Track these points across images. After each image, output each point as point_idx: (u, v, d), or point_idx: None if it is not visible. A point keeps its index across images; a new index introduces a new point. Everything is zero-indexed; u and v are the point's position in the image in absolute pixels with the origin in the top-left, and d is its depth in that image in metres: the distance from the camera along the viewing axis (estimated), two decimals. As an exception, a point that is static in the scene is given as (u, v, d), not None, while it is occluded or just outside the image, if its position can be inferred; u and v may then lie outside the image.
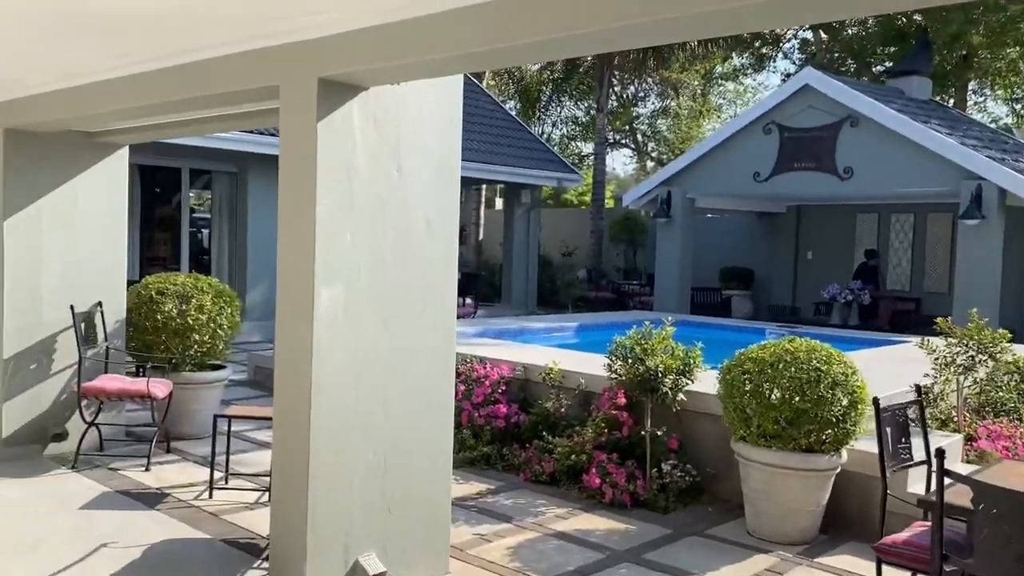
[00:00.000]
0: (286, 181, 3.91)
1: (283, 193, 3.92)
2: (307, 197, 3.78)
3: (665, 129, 34.19)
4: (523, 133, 18.40)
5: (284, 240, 3.92)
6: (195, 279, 7.15)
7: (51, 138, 6.27)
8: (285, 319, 3.93)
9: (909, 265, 15.43)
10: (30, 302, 6.22)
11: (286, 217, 3.90)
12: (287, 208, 3.90)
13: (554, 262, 20.75)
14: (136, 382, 6.31)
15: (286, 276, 3.92)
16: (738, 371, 5.34)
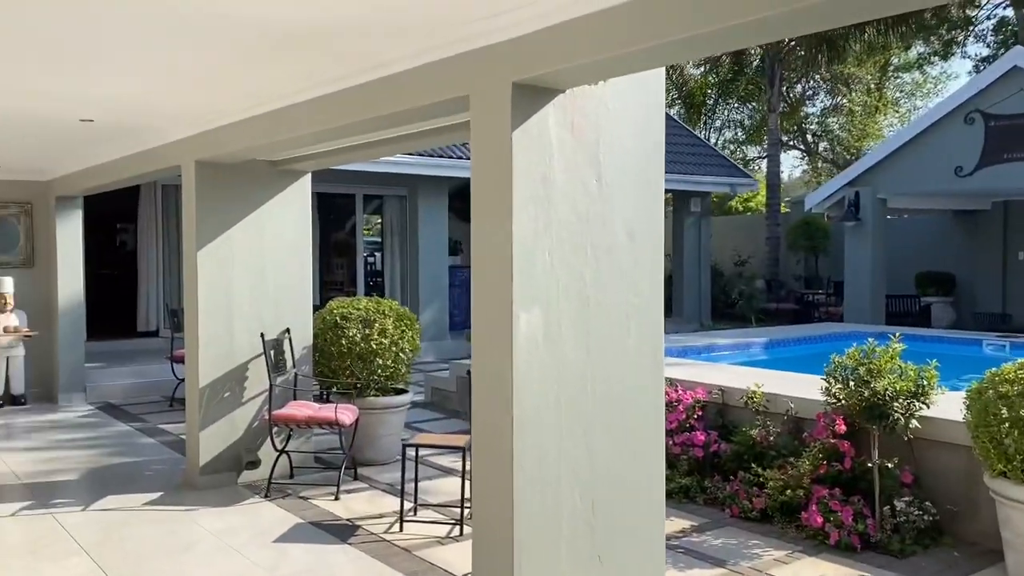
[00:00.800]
0: (480, 197, 3.60)
1: (477, 211, 3.61)
2: (503, 214, 3.45)
3: (837, 128, 32.21)
4: (690, 138, 17.68)
5: (479, 261, 3.61)
6: (376, 303, 7.07)
7: (238, 168, 6.35)
8: (482, 346, 3.61)
9: None
10: (223, 331, 6.30)
11: (481, 236, 3.59)
12: (482, 226, 3.59)
13: (725, 272, 19.81)
14: (324, 409, 6.25)
15: (482, 299, 3.60)
16: (992, 395, 4.56)
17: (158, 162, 6.71)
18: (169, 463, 7.05)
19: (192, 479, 6.30)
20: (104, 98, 5.30)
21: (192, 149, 6.20)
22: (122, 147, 7.12)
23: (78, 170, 8.69)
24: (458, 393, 9.38)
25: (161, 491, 6.19)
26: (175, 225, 12.77)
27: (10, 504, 5.89)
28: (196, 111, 5.69)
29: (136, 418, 8.96)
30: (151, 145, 6.69)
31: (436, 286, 13.42)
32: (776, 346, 10.30)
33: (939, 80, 32.27)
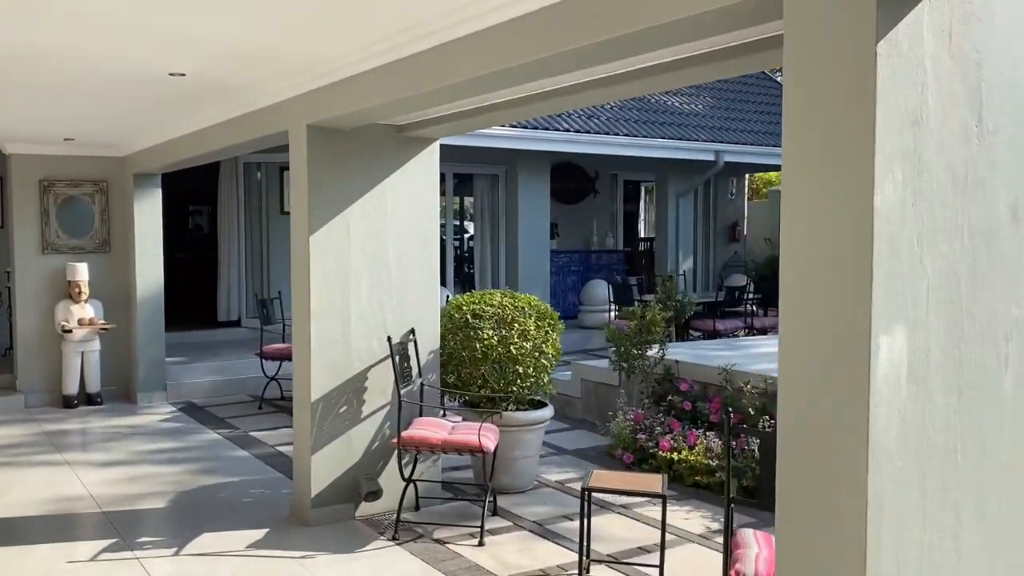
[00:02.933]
0: (801, 155, 2.31)
1: (795, 176, 2.33)
2: (855, 178, 2.16)
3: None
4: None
5: (795, 252, 2.33)
6: (512, 297, 5.85)
7: (357, 135, 5.18)
8: (802, 389, 2.34)
9: None
10: (340, 332, 5.15)
11: (803, 215, 2.31)
12: (806, 200, 2.30)
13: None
14: (462, 430, 5.06)
15: (803, 315, 2.32)
16: None
17: (260, 128, 5.57)
18: (270, 485, 5.96)
19: (302, 512, 5.18)
20: (201, 41, 4.15)
21: (304, 111, 5.03)
22: (215, 111, 6.01)
23: (159, 143, 7.64)
24: (583, 399, 8.15)
25: (266, 527, 5.09)
26: (258, 206, 11.78)
27: (90, 543, 4.86)
28: (313, 59, 4.51)
29: (224, 423, 7.94)
30: (252, 107, 5.55)
31: (538, 274, 12.19)
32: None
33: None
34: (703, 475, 5.94)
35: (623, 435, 6.66)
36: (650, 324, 6.75)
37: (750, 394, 6.29)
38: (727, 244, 16.77)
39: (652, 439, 6.38)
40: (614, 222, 15.48)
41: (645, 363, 6.90)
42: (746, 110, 14.90)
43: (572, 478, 6.21)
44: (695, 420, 6.54)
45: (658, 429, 6.44)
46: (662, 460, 6.20)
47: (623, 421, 6.70)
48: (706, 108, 14.24)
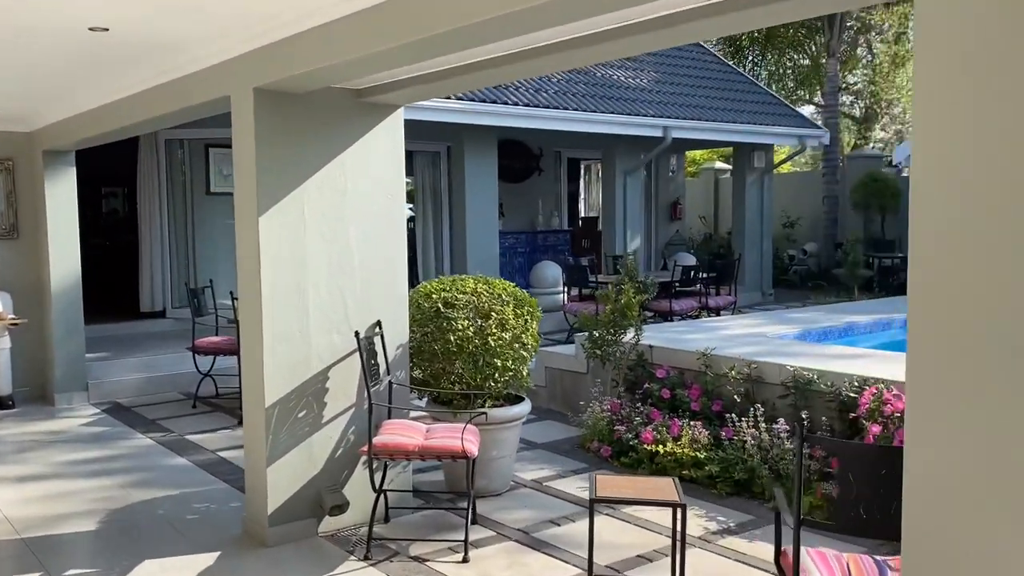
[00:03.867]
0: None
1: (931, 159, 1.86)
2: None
3: (859, 81, 30.32)
4: (748, 86, 15.89)
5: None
6: (487, 283, 5.31)
7: (309, 100, 4.54)
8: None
9: None
10: (297, 325, 4.53)
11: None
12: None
13: (773, 235, 18.13)
14: (440, 435, 4.51)
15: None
16: None
17: (197, 94, 4.87)
18: (216, 499, 5.31)
19: (257, 531, 4.57)
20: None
21: (249, 72, 4.37)
22: (143, 75, 5.26)
23: (74, 115, 6.80)
24: (549, 388, 7.69)
25: (216, 550, 4.46)
26: (182, 186, 10.90)
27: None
28: (258, 11, 3.87)
29: (155, 426, 7.20)
30: (188, 69, 4.83)
31: (486, 256, 11.64)
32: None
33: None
34: (690, 468, 5.54)
35: (599, 427, 6.22)
36: (625, 308, 6.31)
37: (735, 380, 5.93)
38: (669, 222, 16.54)
39: (632, 430, 5.96)
40: (559, 201, 15.04)
41: (620, 349, 6.46)
42: (691, 84, 14.60)
43: (549, 475, 5.75)
44: (674, 409, 6.15)
45: (637, 419, 6.02)
46: (644, 453, 5.79)
47: (599, 412, 6.26)
48: (651, 83, 13.87)
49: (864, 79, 30.24)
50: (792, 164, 24.25)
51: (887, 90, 29.99)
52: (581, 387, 7.23)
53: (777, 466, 5.29)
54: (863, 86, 30.46)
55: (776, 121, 14.61)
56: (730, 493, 5.36)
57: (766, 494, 5.23)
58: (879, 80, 29.38)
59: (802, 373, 5.62)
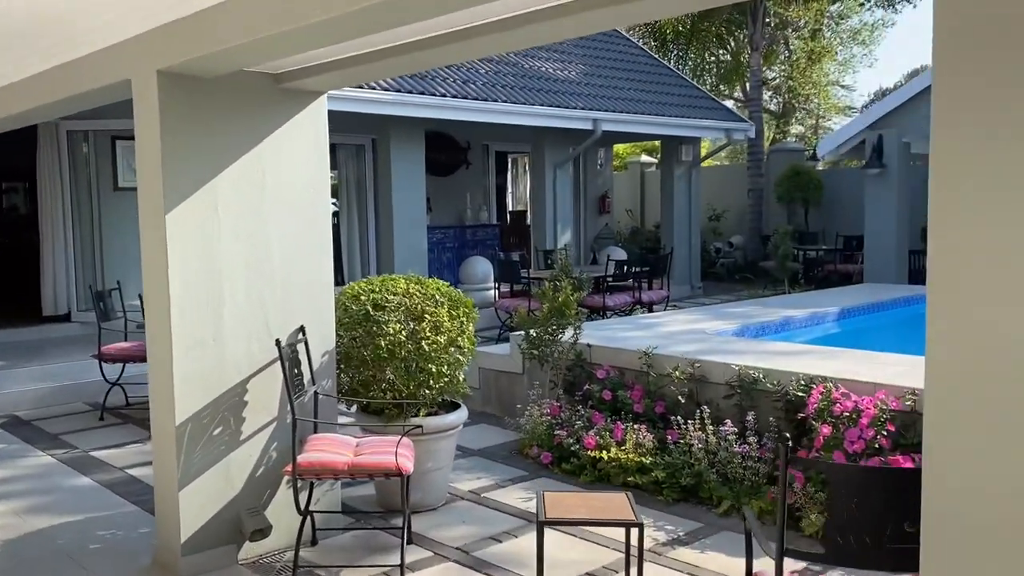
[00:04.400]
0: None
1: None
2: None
3: (778, 76, 30.83)
4: (676, 79, 15.85)
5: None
6: (420, 283, 4.96)
7: (222, 85, 4.12)
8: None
9: None
10: (210, 333, 4.11)
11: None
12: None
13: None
14: (371, 449, 4.16)
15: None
16: None
17: (92, 78, 4.37)
18: (123, 524, 4.83)
19: (169, 560, 4.14)
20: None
21: (152, 53, 3.92)
22: (28, 56, 4.72)
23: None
24: (482, 390, 7.37)
25: (123, 585, 4.02)
26: (87, 181, 10.19)
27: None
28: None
29: (57, 441, 6.62)
30: (81, 50, 4.33)
31: (414, 253, 11.25)
32: (851, 316, 8.66)
33: (876, 27, 31.23)
34: (635, 474, 5.31)
35: (538, 431, 5.95)
36: (563, 305, 6.05)
37: (678, 380, 5.73)
38: (598, 216, 16.42)
39: (573, 435, 5.70)
40: (487, 195, 14.73)
41: (558, 349, 6.20)
42: (620, 78, 14.47)
43: (487, 485, 5.45)
44: (616, 411, 5.91)
45: (578, 423, 5.77)
46: (586, 459, 5.54)
47: (538, 416, 5.98)
48: (580, 75, 13.68)
49: (782, 74, 30.78)
50: (715, 158, 24.50)
51: (804, 85, 30.59)
52: (517, 388, 6.95)
53: (725, 470, 5.10)
54: (781, 81, 31.01)
55: (704, 115, 14.61)
56: (677, 499, 5.15)
57: (714, 499, 5.04)
58: (797, 75, 29.94)
59: (747, 372, 5.44)
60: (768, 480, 5.02)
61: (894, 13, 26.38)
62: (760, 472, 5.02)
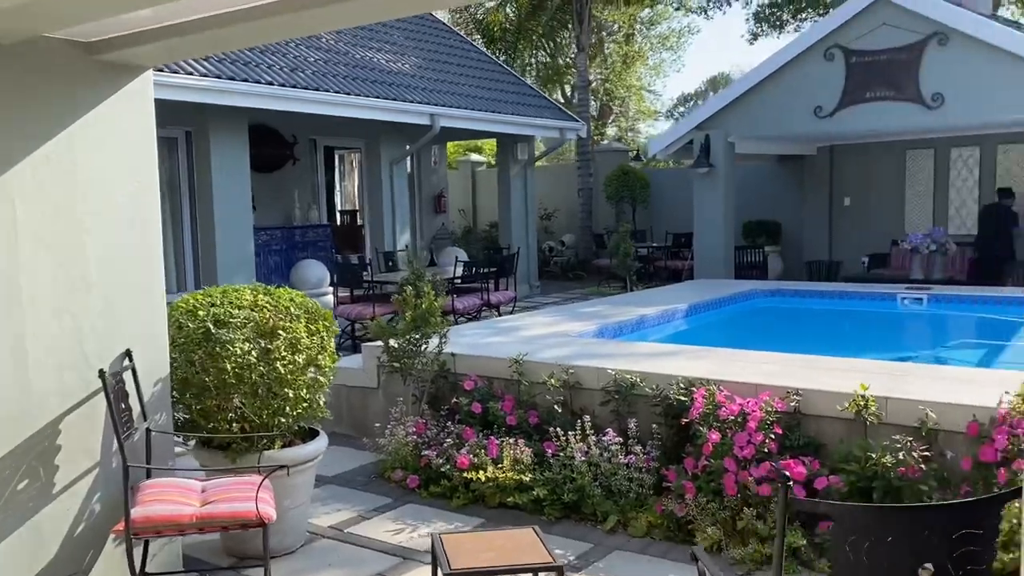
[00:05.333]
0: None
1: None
2: None
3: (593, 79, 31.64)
4: (508, 77, 15.65)
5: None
6: (269, 294, 4.29)
7: (18, 55, 3.29)
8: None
9: (976, 206, 13.70)
10: (9, 368, 3.28)
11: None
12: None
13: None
14: (221, 494, 3.48)
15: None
16: None
17: None
18: None
19: (-41, 654, 3.27)
20: None
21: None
22: None
23: None
24: (333, 407, 6.66)
25: None
26: None
27: None
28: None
29: None
30: None
31: (240, 258, 10.29)
32: (698, 313, 8.70)
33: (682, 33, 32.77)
34: (513, 493, 4.90)
35: (402, 452, 5.41)
36: (428, 312, 5.54)
37: (554, 387, 5.38)
38: (434, 216, 15.96)
39: (443, 454, 5.21)
40: (316, 193, 13.86)
41: (422, 360, 5.69)
42: (455, 73, 14.06)
43: (349, 518, 4.86)
44: (487, 424, 5.48)
45: (448, 441, 5.28)
46: (458, 480, 5.07)
47: (401, 435, 5.44)
48: (414, 68, 13.14)
49: (599, 77, 31.62)
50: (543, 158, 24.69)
51: (619, 88, 31.59)
52: (372, 405, 6.36)
53: (609, 482, 4.79)
54: (598, 84, 31.86)
55: (539, 113, 14.49)
56: (559, 517, 4.80)
57: (599, 515, 4.72)
58: (613, 78, 30.85)
59: (624, 377, 5.18)
60: (655, 491, 4.76)
61: (706, 19, 27.63)
62: (646, 483, 4.76)
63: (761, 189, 16.05)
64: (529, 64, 23.33)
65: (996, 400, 4.14)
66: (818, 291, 10.17)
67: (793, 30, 24.26)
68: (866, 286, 10.51)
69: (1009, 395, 4.11)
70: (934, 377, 4.92)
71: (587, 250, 18.19)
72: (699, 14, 24.64)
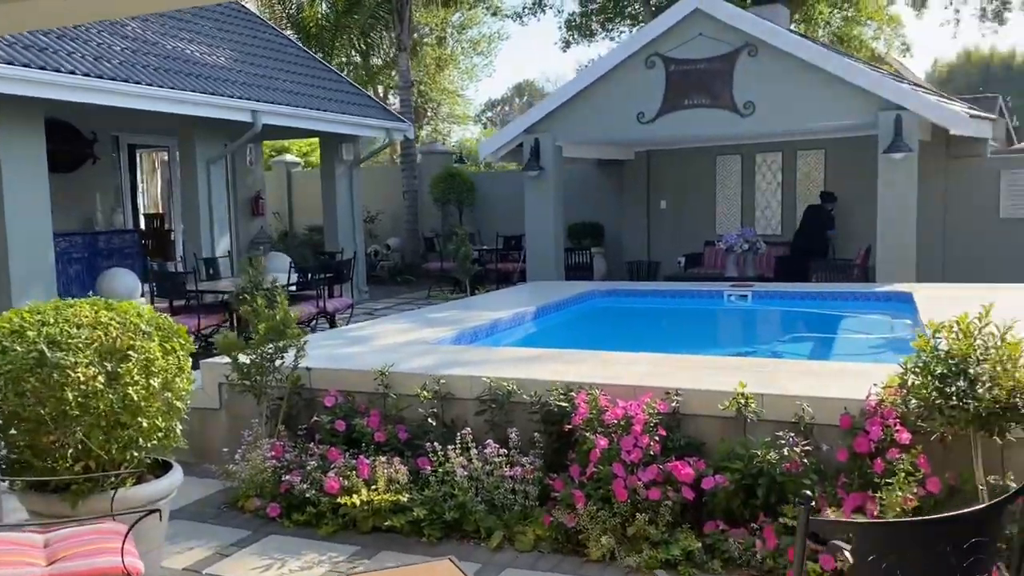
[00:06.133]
0: None
1: None
2: None
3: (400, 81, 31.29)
4: (329, 74, 15.05)
5: None
6: (111, 309, 3.72)
7: None
8: None
9: (779, 207, 14.72)
10: None
11: None
12: None
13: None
14: (71, 548, 2.93)
15: None
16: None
17: None
18: None
19: None
20: None
21: None
22: None
23: None
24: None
25: None
26: None
27: None
28: None
29: None
30: None
31: (38, 267, 9.11)
32: (546, 315, 8.67)
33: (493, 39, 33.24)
34: (390, 516, 4.57)
35: (258, 479, 4.93)
36: (283, 323, 5.08)
37: (426, 399, 5.09)
38: (251, 219, 15.06)
39: (307, 478, 4.79)
40: (120, 196, 12.66)
41: (276, 377, 5.21)
42: (274, 68, 13.30)
43: (206, 557, 4.36)
44: (353, 443, 5.11)
45: (312, 463, 4.86)
46: (326, 505, 4.67)
47: (258, 460, 4.95)
48: (230, 62, 12.29)
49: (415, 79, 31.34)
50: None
51: (433, 90, 31.50)
52: (213, 427, 5.79)
53: (492, 497, 4.58)
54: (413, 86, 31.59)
55: (365, 112, 14.03)
56: (441, 538, 4.53)
57: (482, 532, 4.50)
58: (428, 80, 30.70)
59: (501, 384, 4.99)
60: (540, 502, 4.60)
61: (522, 26, 28.06)
62: (531, 495, 4.59)
63: (584, 192, 16.44)
64: (346, 63, 22.62)
65: (864, 393, 4.33)
66: (651, 290, 10.49)
67: (603, 39, 25.18)
68: (696, 284, 10.96)
69: (877, 387, 4.30)
70: (802, 372, 5.09)
71: (414, 253, 17.89)
72: (515, 20, 24.93)
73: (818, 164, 14.42)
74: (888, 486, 3.90)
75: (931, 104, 11.10)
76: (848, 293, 9.31)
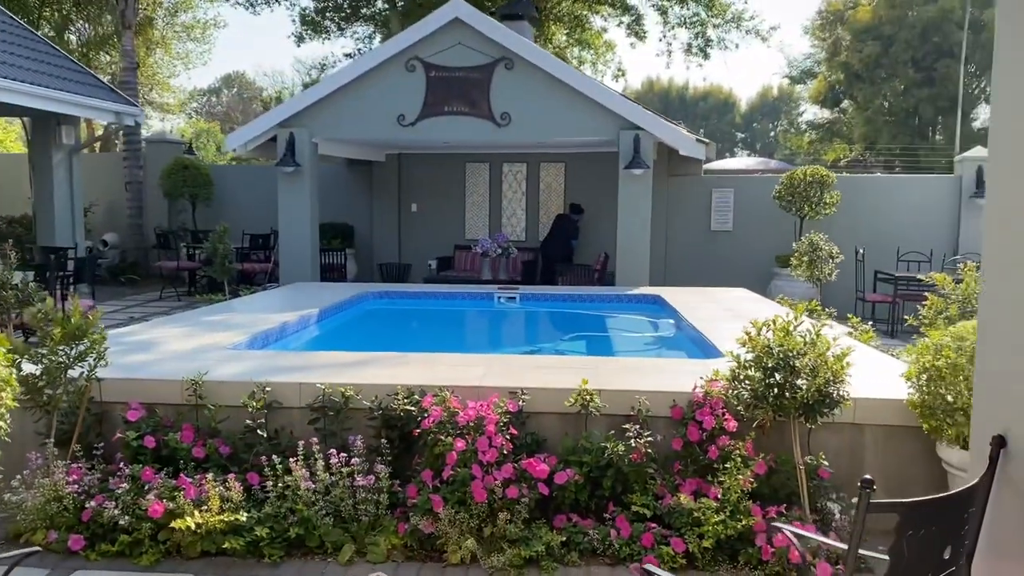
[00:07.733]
0: None
1: None
2: None
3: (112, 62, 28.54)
4: (43, 47, 13.21)
5: None
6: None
7: None
8: None
9: (524, 215, 15.38)
10: None
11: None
12: None
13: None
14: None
15: None
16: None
17: None
18: None
19: None
20: None
21: None
22: None
23: None
24: None
25: None
26: None
27: None
28: None
29: None
30: None
31: None
32: (328, 317, 8.32)
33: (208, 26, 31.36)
34: (227, 538, 4.16)
35: (51, 509, 4.24)
36: (83, 328, 4.43)
37: (255, 410, 4.69)
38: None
39: (117, 501, 4.21)
40: None
41: (68, 389, 4.51)
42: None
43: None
44: (165, 461, 4.57)
45: (124, 487, 4.28)
46: (144, 532, 4.14)
47: (49, 487, 4.26)
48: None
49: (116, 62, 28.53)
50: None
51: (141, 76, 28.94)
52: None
53: (339, 507, 4.35)
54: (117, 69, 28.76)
55: (90, 92, 12.52)
56: (283, 556, 4.21)
57: (328, 546, 4.25)
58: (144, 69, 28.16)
59: (336, 390, 4.74)
60: (390, 510, 4.44)
61: (253, 15, 26.60)
62: (382, 503, 4.41)
63: (334, 192, 16.03)
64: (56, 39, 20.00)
65: (688, 386, 4.72)
66: (423, 292, 10.49)
67: (339, 37, 24.70)
68: (466, 287, 11.15)
69: (703, 380, 4.70)
70: (622, 368, 5.40)
71: (138, 251, 16.29)
72: (247, 8, 23.56)
73: (559, 176, 15.34)
74: (726, 470, 4.29)
75: (665, 126, 12.29)
76: (608, 296, 10.01)
